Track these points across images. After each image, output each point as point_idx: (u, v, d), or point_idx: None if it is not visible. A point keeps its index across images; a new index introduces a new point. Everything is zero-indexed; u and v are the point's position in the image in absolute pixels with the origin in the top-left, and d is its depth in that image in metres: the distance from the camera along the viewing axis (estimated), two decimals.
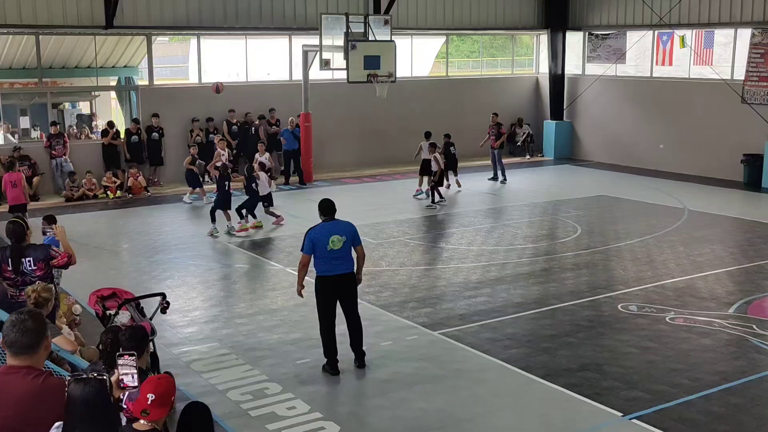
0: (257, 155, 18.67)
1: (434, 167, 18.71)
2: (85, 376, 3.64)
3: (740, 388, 8.53)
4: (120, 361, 4.14)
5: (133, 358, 4.16)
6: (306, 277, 9.20)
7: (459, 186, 20.45)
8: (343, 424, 7.78)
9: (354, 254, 9.13)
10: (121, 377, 4.13)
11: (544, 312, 11.12)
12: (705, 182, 21.53)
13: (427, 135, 19.51)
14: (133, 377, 4.12)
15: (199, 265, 13.83)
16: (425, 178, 19.25)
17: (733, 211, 17.89)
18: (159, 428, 4.44)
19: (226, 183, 15.87)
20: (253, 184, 16.13)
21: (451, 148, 20.13)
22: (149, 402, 4.31)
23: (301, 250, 9.10)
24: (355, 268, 9.11)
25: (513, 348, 9.73)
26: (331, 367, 9.01)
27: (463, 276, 12.92)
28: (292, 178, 21.59)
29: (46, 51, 21.46)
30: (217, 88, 20.21)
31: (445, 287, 12.33)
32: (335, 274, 8.93)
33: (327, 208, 9.13)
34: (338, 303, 9.12)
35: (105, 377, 3.65)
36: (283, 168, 22.01)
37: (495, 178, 22.03)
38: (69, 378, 3.72)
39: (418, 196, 19.32)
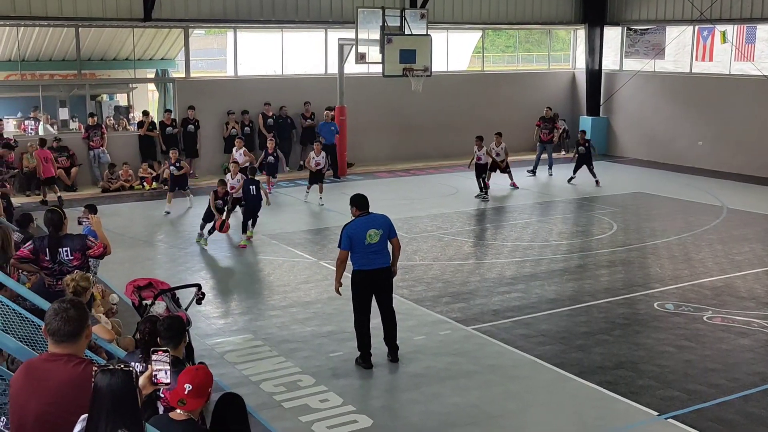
0: (234, 150, 18.20)
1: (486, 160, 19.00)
2: (111, 367, 3.66)
3: None
4: (154, 357, 4.15)
5: (167, 354, 4.18)
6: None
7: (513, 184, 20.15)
8: (375, 418, 7.78)
9: (390, 247, 9.11)
10: (154, 373, 4.15)
11: (579, 309, 11.02)
12: (744, 180, 21.19)
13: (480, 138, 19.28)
14: (166, 373, 4.14)
15: (234, 257, 13.90)
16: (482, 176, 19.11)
17: None
18: (195, 418, 4.48)
19: (252, 187, 14.74)
20: (252, 187, 14.77)
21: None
22: (186, 392, 4.35)
23: (339, 246, 9.09)
24: (391, 261, 9.09)
25: (547, 345, 9.65)
26: (364, 360, 9.02)
27: (497, 272, 12.85)
28: (327, 171, 21.59)
29: (85, 43, 21.71)
30: None
31: (479, 282, 12.27)
32: (373, 268, 8.92)
33: (362, 202, 9.12)
34: (374, 296, 9.10)
35: (131, 368, 3.68)
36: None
37: (533, 173, 21.90)
38: (96, 368, 3.74)
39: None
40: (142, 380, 4.20)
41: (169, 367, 4.16)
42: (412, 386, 8.55)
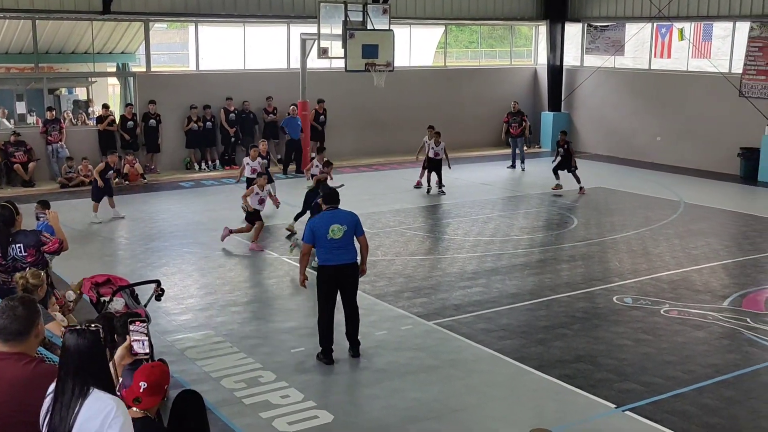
0: (247, 159, 16.75)
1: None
2: (79, 327, 3.69)
3: (733, 381, 8.55)
4: (131, 328, 4.13)
5: (145, 324, 4.16)
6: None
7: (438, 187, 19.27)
8: (337, 413, 7.78)
9: (358, 245, 9.11)
10: (132, 344, 4.13)
11: (539, 303, 11.13)
12: (702, 175, 21.54)
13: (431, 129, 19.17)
14: (143, 344, 4.12)
15: (195, 252, 13.81)
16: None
17: (730, 205, 17.90)
18: (152, 416, 4.45)
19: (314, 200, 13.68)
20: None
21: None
22: (141, 390, 4.32)
23: (302, 239, 9.09)
24: (358, 258, 9.08)
25: (507, 339, 9.73)
26: (325, 356, 9.01)
27: (459, 266, 12.92)
28: (290, 166, 21.54)
29: (42, 36, 21.38)
30: None
31: (441, 277, 12.33)
32: (337, 263, 8.88)
33: (329, 196, 9.15)
34: (339, 293, 9.09)
35: (99, 328, 3.70)
36: (280, 157, 22.01)
37: (513, 166, 22.10)
38: (65, 329, 3.78)
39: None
40: (120, 351, 4.19)
41: (147, 338, 4.15)
42: (373, 381, 8.57)
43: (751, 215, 16.90)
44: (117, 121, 20.75)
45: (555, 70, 26.16)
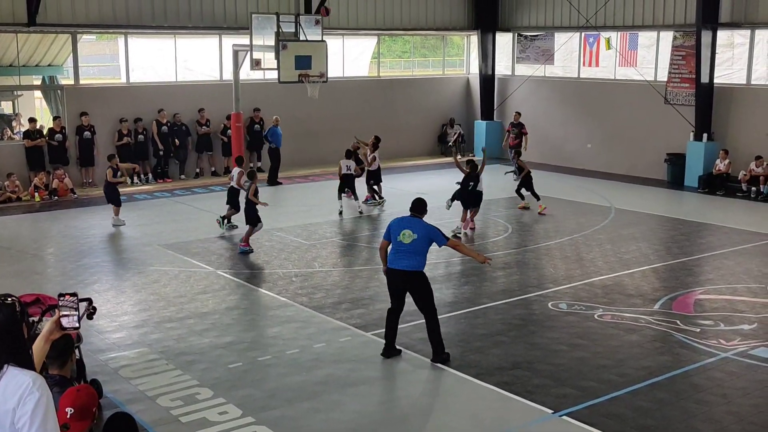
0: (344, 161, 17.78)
1: (374, 167, 18.71)
2: None
3: (666, 383, 8.75)
4: (61, 302, 3.99)
5: (75, 298, 4.01)
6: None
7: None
8: (276, 429, 7.71)
9: (434, 249, 9.53)
10: (60, 318, 3.97)
11: (476, 311, 11.22)
12: (630, 181, 22.05)
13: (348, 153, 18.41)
14: (72, 319, 3.97)
15: (128, 268, 13.55)
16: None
17: (658, 209, 18.37)
18: None
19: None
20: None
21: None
22: (68, 416, 4.20)
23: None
24: (421, 268, 9.28)
25: (445, 348, 9.76)
26: (383, 349, 9.39)
27: None
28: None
29: None
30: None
31: (378, 288, 12.32)
32: (396, 267, 9.21)
33: (413, 203, 9.57)
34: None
35: (15, 301, 3.54)
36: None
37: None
38: None
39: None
40: (49, 325, 4.03)
41: (76, 313, 3.99)
42: (312, 395, 8.51)
43: (678, 219, 17.37)
44: (44, 134, 20.23)
45: (487, 80, 26.50)
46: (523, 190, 18.36)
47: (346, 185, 17.98)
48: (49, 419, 3.41)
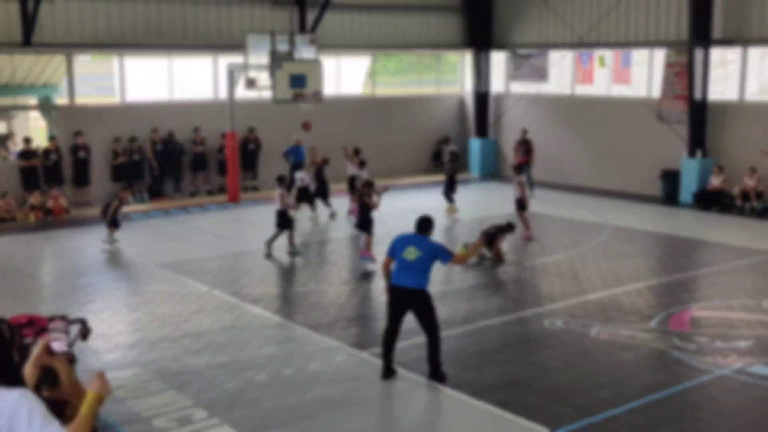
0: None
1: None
2: None
3: (662, 401, 8.73)
4: (51, 326, 4.01)
5: (65, 323, 4.04)
6: None
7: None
8: None
9: (436, 267, 9.49)
10: (50, 342, 3.98)
11: (472, 329, 11.20)
12: (625, 197, 22.09)
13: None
14: (61, 343, 4.00)
15: (123, 288, 13.52)
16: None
17: (653, 226, 18.40)
18: None
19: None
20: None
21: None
22: None
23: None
24: (425, 287, 9.20)
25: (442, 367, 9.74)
26: (382, 370, 9.30)
27: None
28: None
29: None
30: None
31: (375, 306, 12.32)
32: (400, 284, 9.13)
33: (419, 222, 9.57)
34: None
35: (2, 319, 3.53)
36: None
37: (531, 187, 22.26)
38: None
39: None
40: (38, 349, 4.00)
41: (64, 336, 4.02)
42: (308, 415, 8.47)
43: (673, 235, 17.39)
44: (39, 153, 20.22)
45: (481, 97, 26.60)
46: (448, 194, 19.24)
47: (305, 199, 18.46)
48: (49, 419, 3.38)
